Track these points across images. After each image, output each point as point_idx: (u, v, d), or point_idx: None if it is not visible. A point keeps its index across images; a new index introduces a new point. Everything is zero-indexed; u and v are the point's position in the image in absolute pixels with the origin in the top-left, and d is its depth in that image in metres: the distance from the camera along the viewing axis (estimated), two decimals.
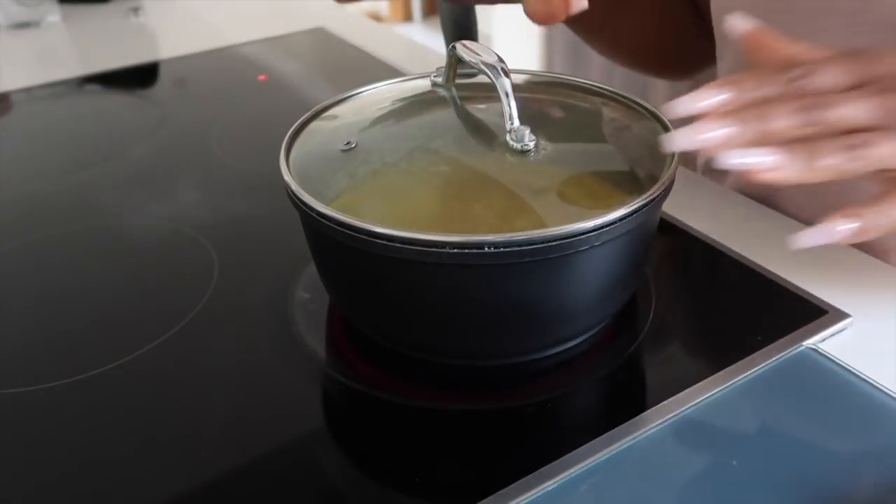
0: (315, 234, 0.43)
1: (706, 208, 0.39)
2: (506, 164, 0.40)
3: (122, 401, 0.43)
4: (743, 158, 0.32)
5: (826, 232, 0.34)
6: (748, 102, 0.34)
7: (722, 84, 0.34)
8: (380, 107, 0.48)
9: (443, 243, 0.36)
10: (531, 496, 0.36)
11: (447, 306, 0.40)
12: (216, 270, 0.52)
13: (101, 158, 0.71)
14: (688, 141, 0.33)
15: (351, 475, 0.39)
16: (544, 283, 0.38)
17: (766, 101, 0.34)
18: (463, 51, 0.44)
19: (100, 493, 0.37)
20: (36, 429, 0.41)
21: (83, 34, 1.04)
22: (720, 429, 0.39)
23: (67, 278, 0.54)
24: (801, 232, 0.34)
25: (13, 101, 0.85)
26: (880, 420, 0.39)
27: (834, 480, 0.36)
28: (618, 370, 0.43)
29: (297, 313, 0.48)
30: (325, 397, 0.43)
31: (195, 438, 0.40)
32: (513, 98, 0.41)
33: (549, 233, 0.36)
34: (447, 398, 0.42)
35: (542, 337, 0.42)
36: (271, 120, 0.75)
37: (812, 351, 0.43)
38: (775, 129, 0.33)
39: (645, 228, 0.41)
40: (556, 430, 0.40)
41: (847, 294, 0.47)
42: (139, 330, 0.47)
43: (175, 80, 0.89)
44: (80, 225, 0.60)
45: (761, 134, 0.34)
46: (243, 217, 0.60)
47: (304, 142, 0.45)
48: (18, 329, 0.49)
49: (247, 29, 1.00)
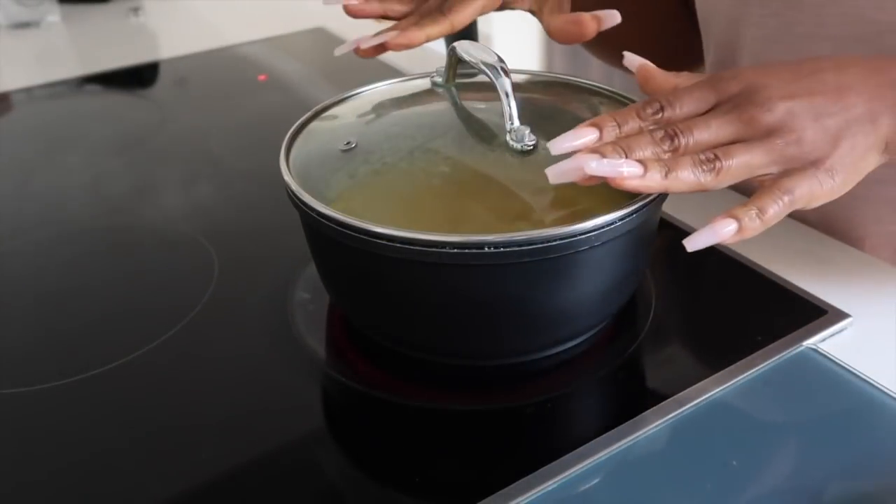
0: (315, 234, 0.43)
1: (706, 208, 0.39)
2: (506, 164, 0.40)
3: (122, 401, 0.43)
4: (608, 167, 0.35)
5: (710, 234, 0.36)
6: (613, 140, 0.38)
7: (589, 125, 0.38)
8: (380, 107, 0.48)
9: (443, 243, 0.36)
10: (531, 496, 0.36)
11: (447, 306, 0.40)
12: (216, 270, 0.52)
13: (102, 158, 0.71)
14: (563, 171, 0.36)
15: (351, 475, 0.39)
16: (544, 284, 0.38)
17: (630, 135, 0.38)
18: (463, 51, 0.44)
19: (100, 493, 0.37)
20: (36, 429, 0.41)
21: (83, 34, 1.04)
22: (720, 429, 0.39)
23: (67, 278, 0.54)
24: (691, 236, 0.36)
25: (13, 101, 0.85)
26: (880, 420, 0.39)
27: (834, 480, 0.36)
28: (618, 370, 0.43)
29: (297, 313, 0.48)
30: (325, 397, 0.43)
31: (195, 438, 0.40)
32: (513, 98, 0.41)
33: (549, 233, 0.36)
34: (447, 398, 0.42)
35: (541, 337, 0.42)
36: (271, 120, 0.75)
37: (812, 351, 0.43)
38: (641, 158, 0.36)
39: (645, 228, 0.41)
40: (556, 430, 0.40)
41: (847, 294, 0.47)
42: (139, 330, 0.47)
43: (175, 80, 0.89)
44: (80, 225, 0.60)
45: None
46: (243, 217, 0.60)
47: (304, 142, 0.45)
48: (18, 329, 0.49)
49: (247, 29, 1.00)
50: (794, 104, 0.37)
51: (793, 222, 0.54)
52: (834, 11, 0.49)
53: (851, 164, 0.38)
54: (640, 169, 0.35)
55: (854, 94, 0.38)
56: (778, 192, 0.37)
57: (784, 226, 0.54)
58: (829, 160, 0.37)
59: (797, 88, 0.38)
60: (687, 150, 0.37)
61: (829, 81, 0.38)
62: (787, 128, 0.37)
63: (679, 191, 0.37)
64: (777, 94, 0.38)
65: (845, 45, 0.49)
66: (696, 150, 0.37)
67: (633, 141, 0.37)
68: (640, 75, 0.43)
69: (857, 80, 0.39)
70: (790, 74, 0.39)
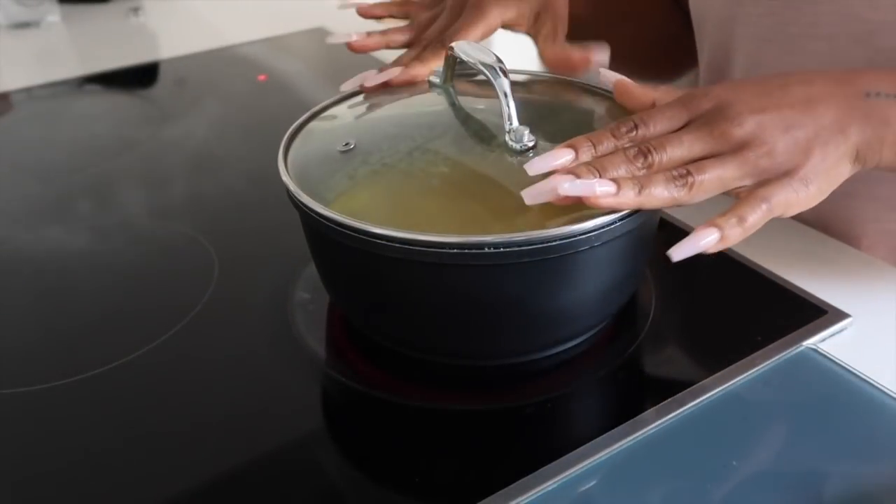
0: (315, 235, 0.43)
1: (706, 209, 0.39)
2: (505, 164, 0.40)
3: (121, 401, 0.43)
4: (582, 187, 0.36)
5: (693, 243, 0.37)
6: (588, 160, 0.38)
7: (565, 146, 0.38)
8: (379, 107, 0.48)
9: (443, 243, 0.36)
10: (531, 496, 0.36)
11: (447, 306, 0.40)
12: (216, 270, 0.52)
13: (102, 158, 0.71)
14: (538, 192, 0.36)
15: (350, 475, 0.39)
16: (544, 284, 0.38)
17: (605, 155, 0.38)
18: (461, 51, 0.44)
19: (99, 493, 0.37)
20: (36, 429, 0.41)
21: (83, 34, 1.04)
22: (720, 429, 0.39)
23: (67, 278, 0.54)
24: (675, 246, 0.37)
25: (13, 101, 0.85)
26: (880, 420, 0.39)
27: (834, 480, 0.36)
28: (618, 370, 0.43)
29: (297, 313, 0.48)
30: (325, 397, 0.43)
31: (195, 438, 0.40)
32: (511, 98, 0.41)
33: (548, 233, 0.36)
34: (447, 398, 0.42)
35: (541, 337, 0.42)
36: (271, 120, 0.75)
37: (812, 351, 0.43)
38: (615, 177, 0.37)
39: (645, 229, 0.41)
40: (556, 430, 0.40)
41: (847, 294, 0.47)
42: (139, 330, 0.47)
43: (175, 80, 0.89)
44: (80, 225, 0.60)
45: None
46: (243, 217, 0.60)
47: (302, 142, 0.45)
48: (18, 329, 0.49)
49: (247, 29, 1.00)
50: (763, 117, 0.38)
51: (792, 222, 0.54)
52: (828, 10, 0.49)
53: (824, 172, 0.38)
54: (614, 187, 0.36)
55: (823, 106, 0.39)
56: (756, 200, 0.37)
57: (784, 226, 0.54)
58: (802, 170, 0.38)
59: (766, 102, 0.39)
60: (661, 166, 0.38)
61: (797, 94, 0.39)
62: (759, 140, 0.38)
63: (653, 206, 0.37)
64: (747, 108, 0.38)
65: (839, 44, 0.49)
66: (669, 166, 0.38)
67: (606, 161, 0.37)
68: (617, 90, 0.44)
69: (825, 92, 0.40)
70: (759, 89, 0.40)
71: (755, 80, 0.41)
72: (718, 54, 0.58)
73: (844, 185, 0.41)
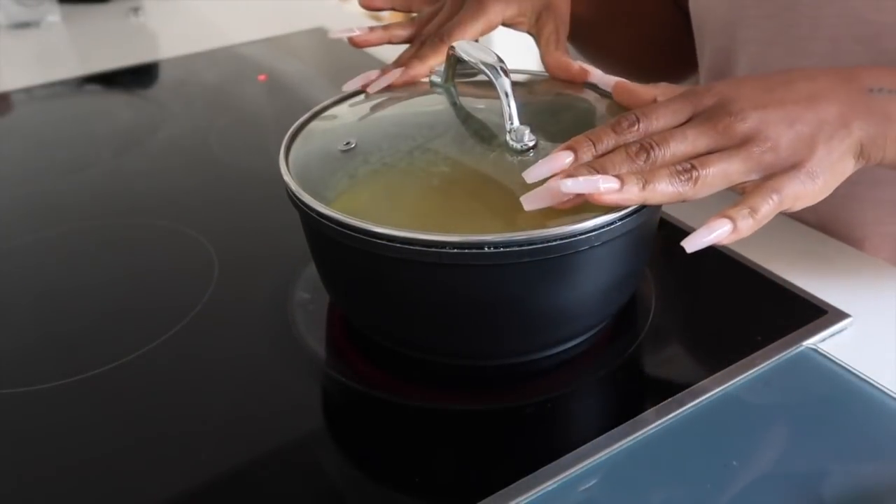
0: (315, 234, 0.43)
1: (706, 209, 0.39)
2: (505, 164, 0.40)
3: (121, 401, 0.43)
4: (584, 184, 0.35)
5: (706, 234, 0.36)
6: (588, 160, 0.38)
7: (564, 148, 0.38)
8: (379, 107, 0.48)
9: (443, 243, 0.36)
10: (531, 496, 0.36)
11: (447, 306, 0.40)
12: (216, 270, 0.52)
13: (101, 158, 0.71)
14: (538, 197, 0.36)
15: (351, 475, 0.39)
16: (544, 283, 0.38)
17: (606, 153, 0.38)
18: (462, 51, 0.44)
19: (100, 493, 0.37)
20: (36, 429, 0.41)
21: (83, 34, 1.04)
22: (720, 429, 0.39)
23: (68, 278, 0.54)
24: (689, 237, 0.36)
25: (13, 101, 0.85)
26: (880, 420, 0.39)
27: (834, 480, 0.36)
28: (618, 370, 0.43)
29: (297, 313, 0.48)
30: (325, 397, 0.43)
31: (195, 438, 0.40)
32: (512, 98, 0.41)
33: (549, 233, 0.36)
34: (447, 398, 0.42)
35: (541, 337, 0.42)
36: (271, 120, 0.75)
37: (812, 351, 0.43)
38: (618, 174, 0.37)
39: (645, 229, 0.41)
40: (556, 430, 0.40)
41: (847, 294, 0.47)
42: (139, 330, 0.47)
43: (175, 80, 0.89)
44: (79, 225, 0.60)
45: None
46: (243, 217, 0.60)
47: (303, 142, 0.45)
48: (18, 329, 0.49)
49: (247, 29, 1.00)
50: (767, 113, 0.38)
51: (793, 222, 0.54)
52: (831, 12, 0.49)
53: (830, 166, 0.38)
54: (617, 183, 0.36)
55: (826, 102, 0.39)
56: (766, 191, 0.37)
57: (784, 226, 0.54)
58: (808, 164, 0.38)
59: (770, 98, 0.39)
60: (664, 161, 0.38)
61: (800, 90, 0.39)
62: (763, 135, 0.38)
63: (658, 202, 0.37)
64: (750, 104, 0.38)
65: (843, 46, 0.49)
66: (672, 161, 0.38)
67: (606, 160, 0.37)
68: (616, 91, 0.44)
69: (828, 88, 0.40)
70: (762, 85, 0.40)
71: (758, 77, 0.41)
72: (720, 58, 0.58)
73: (846, 188, 0.41)
